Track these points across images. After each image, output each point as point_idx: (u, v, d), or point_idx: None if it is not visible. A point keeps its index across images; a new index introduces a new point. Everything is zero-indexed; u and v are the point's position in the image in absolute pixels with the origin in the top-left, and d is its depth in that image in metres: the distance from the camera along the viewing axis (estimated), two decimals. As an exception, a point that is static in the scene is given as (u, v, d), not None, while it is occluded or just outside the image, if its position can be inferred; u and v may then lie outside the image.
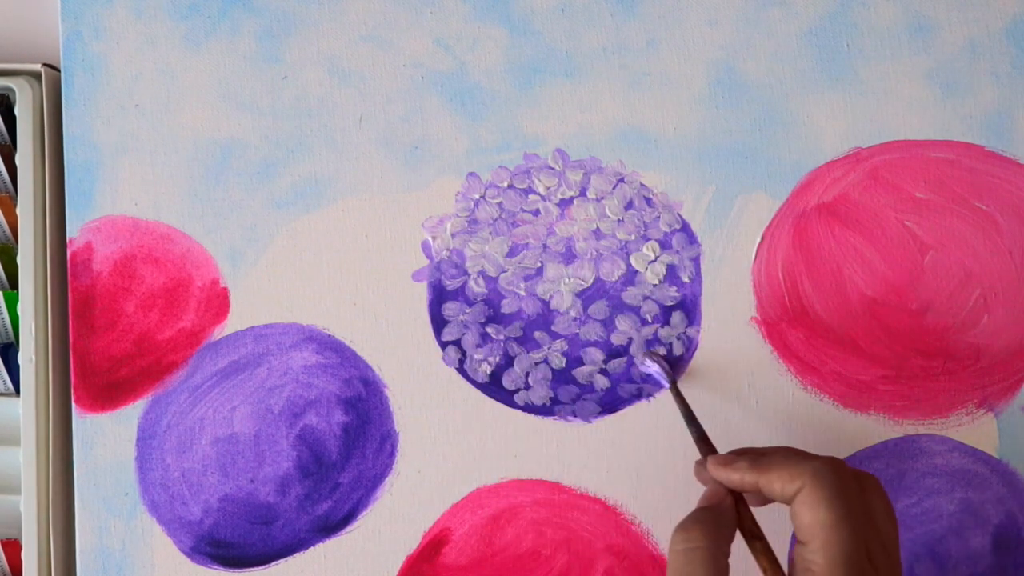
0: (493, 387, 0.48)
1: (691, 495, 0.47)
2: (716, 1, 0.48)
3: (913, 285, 0.47)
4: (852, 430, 0.47)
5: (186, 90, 0.49)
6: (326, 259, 0.49)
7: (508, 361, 0.48)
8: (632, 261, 0.48)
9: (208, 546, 0.48)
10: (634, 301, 0.48)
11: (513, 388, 0.48)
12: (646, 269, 0.48)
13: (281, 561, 0.48)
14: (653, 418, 0.48)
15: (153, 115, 0.49)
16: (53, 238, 0.49)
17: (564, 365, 0.48)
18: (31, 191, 0.48)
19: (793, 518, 0.37)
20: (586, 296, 0.48)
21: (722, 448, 0.44)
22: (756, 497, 0.40)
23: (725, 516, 0.39)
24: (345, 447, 0.48)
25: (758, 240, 0.48)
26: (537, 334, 0.48)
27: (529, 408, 0.48)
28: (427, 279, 0.48)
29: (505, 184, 0.48)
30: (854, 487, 0.37)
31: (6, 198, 0.50)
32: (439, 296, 0.48)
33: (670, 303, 0.48)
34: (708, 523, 0.38)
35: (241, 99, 0.49)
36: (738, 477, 0.39)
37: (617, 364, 0.48)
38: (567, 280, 0.48)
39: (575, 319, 0.48)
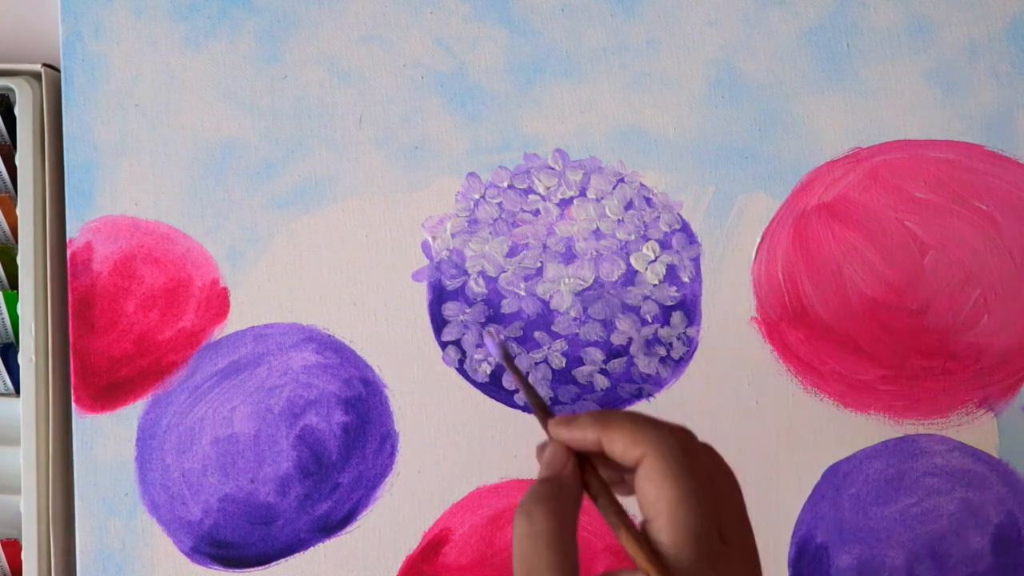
0: (493, 387, 0.48)
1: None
2: (716, 1, 0.48)
3: (913, 285, 0.47)
4: (852, 430, 0.47)
5: (186, 90, 0.49)
6: (326, 259, 0.49)
7: (508, 361, 0.48)
8: (632, 261, 0.48)
9: (208, 546, 0.48)
10: (634, 301, 0.48)
11: (513, 388, 0.48)
12: (646, 269, 0.48)
13: (281, 561, 0.48)
14: (653, 418, 0.48)
15: (153, 115, 0.49)
16: (53, 238, 0.49)
17: (564, 365, 0.48)
18: (31, 191, 0.48)
19: (637, 493, 0.34)
20: (586, 296, 0.48)
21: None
22: (605, 467, 0.37)
23: (568, 487, 0.35)
24: (345, 447, 0.48)
25: (758, 240, 0.48)
26: (537, 334, 0.48)
27: (529, 408, 0.48)
28: (427, 279, 0.48)
29: (505, 184, 0.48)
30: (703, 459, 0.35)
31: (6, 198, 0.50)
32: (439, 296, 0.48)
33: (670, 303, 0.48)
34: (550, 500, 0.34)
35: (241, 99, 0.49)
36: (580, 434, 0.35)
37: (617, 364, 0.48)
38: (567, 280, 0.48)
39: (575, 319, 0.48)
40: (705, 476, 0.35)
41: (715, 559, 0.34)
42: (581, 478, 0.36)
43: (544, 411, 0.38)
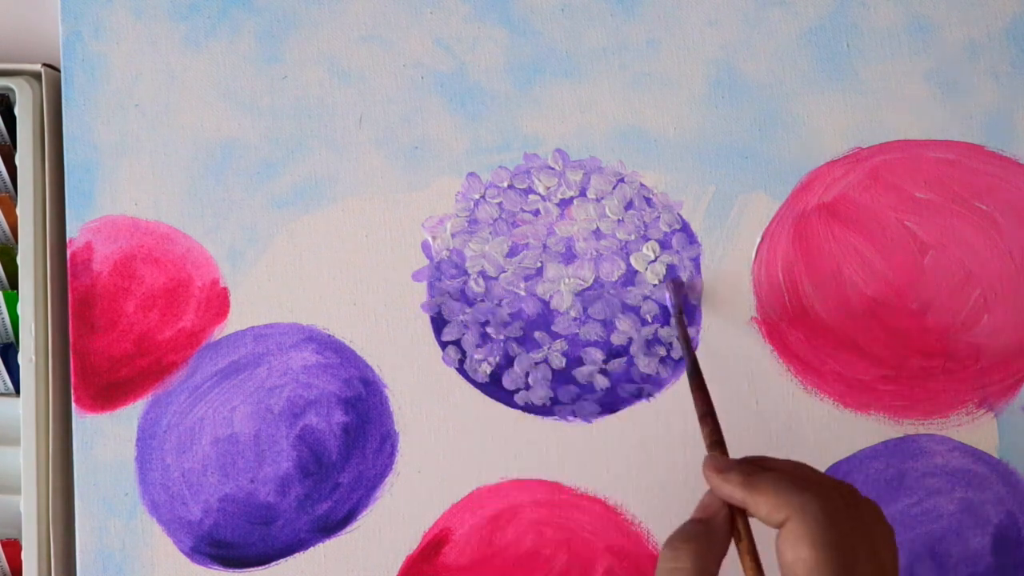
0: (493, 387, 0.48)
1: (691, 495, 0.47)
2: (716, 1, 0.48)
3: (913, 285, 0.47)
4: (852, 430, 0.47)
5: (186, 90, 0.49)
6: (326, 259, 0.48)
7: (508, 361, 0.48)
8: (632, 261, 0.48)
9: (208, 546, 0.48)
10: (634, 301, 0.48)
11: (513, 388, 0.48)
12: (646, 269, 0.48)
13: (281, 561, 0.48)
14: (653, 418, 0.48)
15: (153, 115, 0.49)
16: (53, 238, 0.49)
17: (564, 365, 0.48)
18: (31, 191, 0.48)
19: (777, 553, 0.36)
20: (586, 296, 0.48)
21: (729, 451, 0.44)
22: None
23: (717, 533, 0.37)
24: (345, 447, 0.48)
25: (758, 240, 0.48)
26: (537, 334, 0.48)
27: (529, 408, 0.48)
28: (427, 279, 0.48)
29: (505, 184, 0.48)
30: (845, 523, 0.35)
31: (6, 198, 0.50)
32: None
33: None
34: (698, 541, 0.36)
35: (241, 99, 0.49)
36: (728, 490, 0.37)
37: (617, 364, 0.48)
38: (567, 280, 0.48)
39: (575, 319, 0.48)
40: (846, 540, 0.35)
41: None
42: (732, 523, 0.37)
43: (713, 438, 0.40)
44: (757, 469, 0.37)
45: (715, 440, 0.40)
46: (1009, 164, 0.47)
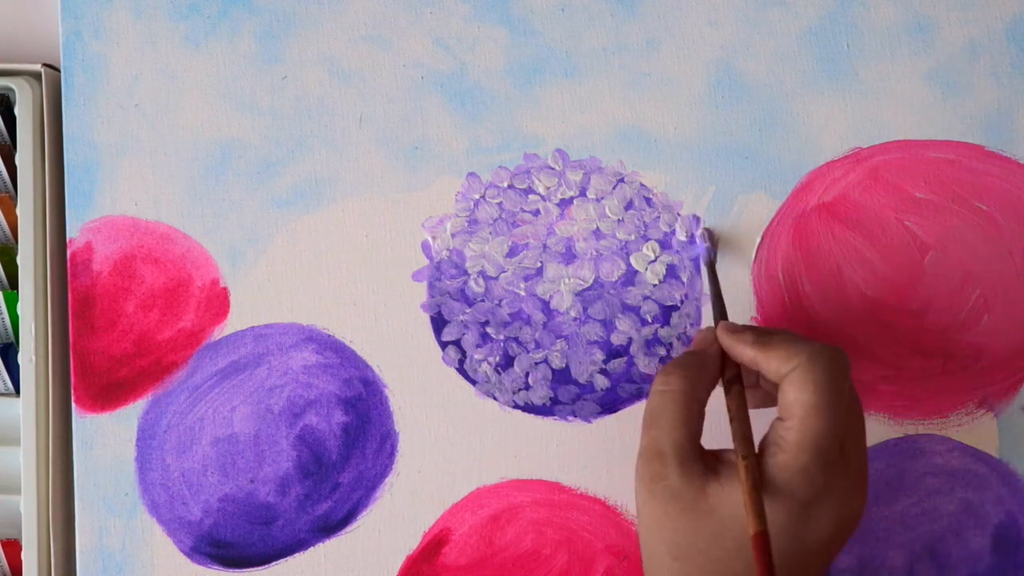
0: (493, 387, 0.48)
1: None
2: (716, 1, 0.48)
3: (913, 285, 0.47)
4: (852, 430, 0.47)
5: (186, 90, 0.49)
6: (326, 259, 0.49)
7: (508, 361, 0.48)
8: (632, 261, 0.48)
9: (208, 546, 0.48)
10: (634, 301, 0.48)
11: (513, 388, 0.48)
12: (646, 269, 0.48)
13: (281, 561, 0.48)
14: (653, 418, 0.48)
15: (153, 115, 0.49)
16: (53, 238, 0.49)
17: (564, 365, 0.48)
18: (31, 191, 0.48)
19: (779, 394, 0.38)
20: (586, 296, 0.48)
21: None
22: (751, 376, 0.41)
23: (707, 363, 0.40)
24: (345, 447, 0.48)
25: (758, 240, 0.48)
26: (537, 334, 0.48)
27: (529, 408, 0.48)
28: (427, 279, 0.48)
29: (505, 184, 0.48)
30: (846, 379, 0.38)
31: (6, 198, 0.50)
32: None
33: (670, 303, 0.48)
34: (689, 368, 0.39)
35: (241, 99, 0.49)
36: (740, 349, 0.40)
37: (617, 364, 0.48)
38: (567, 280, 0.48)
39: (575, 319, 0.48)
40: (845, 392, 0.38)
41: (829, 466, 0.36)
42: (722, 363, 0.41)
43: (720, 311, 0.43)
44: (766, 330, 0.40)
45: (720, 308, 0.44)
46: (1009, 164, 0.47)
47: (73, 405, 0.49)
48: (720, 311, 0.44)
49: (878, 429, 0.47)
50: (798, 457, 0.36)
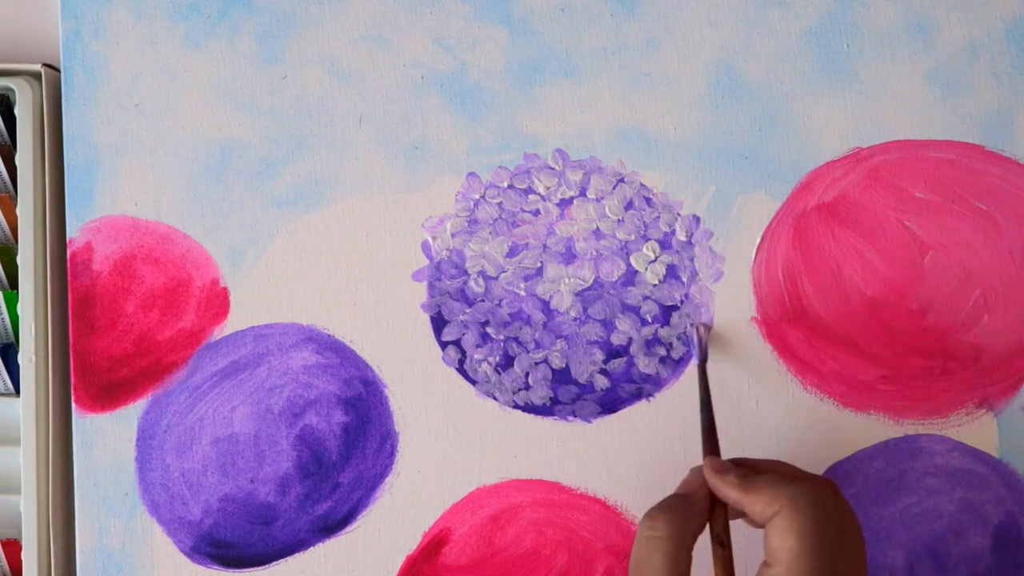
0: (493, 387, 0.48)
1: (691, 495, 0.47)
2: (716, 1, 0.48)
3: (913, 285, 0.47)
4: (852, 430, 0.47)
5: (186, 90, 0.49)
6: (326, 259, 0.49)
7: (508, 361, 0.48)
8: (632, 261, 0.48)
9: (208, 546, 0.48)
10: (634, 301, 0.48)
11: (515, 388, 0.48)
12: (646, 269, 0.48)
13: (281, 561, 0.48)
14: (653, 418, 0.48)
15: (153, 115, 0.49)
16: (53, 238, 0.49)
17: (564, 365, 0.48)
18: (31, 191, 0.48)
19: (764, 538, 0.37)
20: (586, 296, 0.48)
21: (724, 455, 0.44)
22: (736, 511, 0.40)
23: (695, 509, 0.39)
24: (345, 447, 0.48)
25: (758, 240, 0.48)
26: (537, 334, 0.48)
27: (529, 408, 0.48)
28: (427, 279, 0.48)
29: (505, 184, 0.48)
30: (833, 518, 0.37)
31: (6, 198, 0.50)
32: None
33: (670, 303, 0.48)
34: (675, 513, 0.38)
35: (241, 99, 0.49)
36: (725, 490, 0.39)
37: (617, 364, 0.48)
38: (567, 280, 0.48)
39: (575, 319, 0.48)
40: (833, 535, 0.37)
41: None
42: (711, 508, 0.40)
43: (711, 435, 0.42)
44: (751, 471, 0.39)
45: (709, 426, 0.43)
46: (1009, 164, 0.47)
47: (73, 405, 0.49)
48: (708, 423, 0.43)
49: (878, 429, 0.47)
50: None
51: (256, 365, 0.49)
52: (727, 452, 0.47)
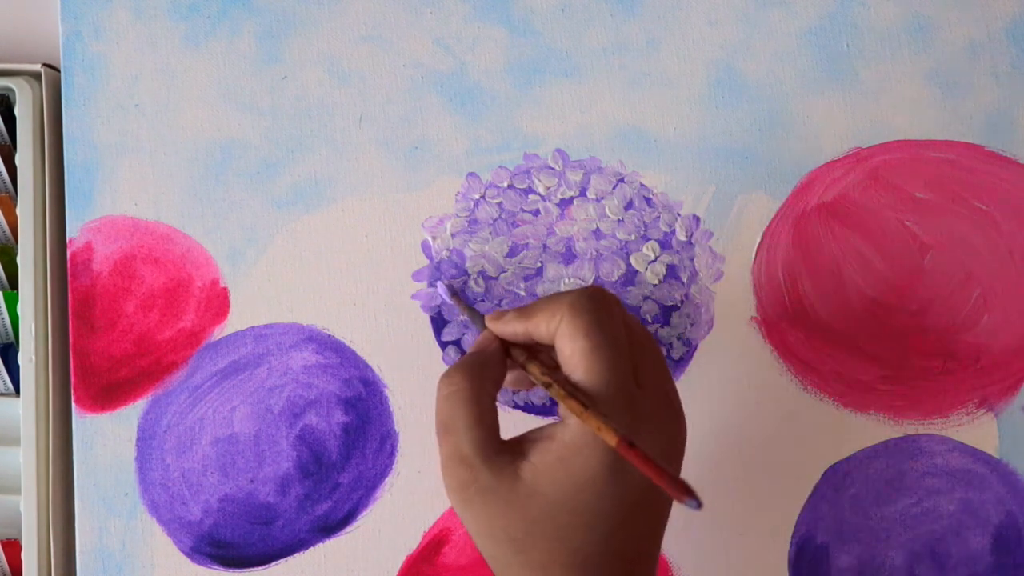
0: (493, 387, 0.48)
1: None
2: (716, 1, 0.48)
3: (913, 285, 0.48)
4: (852, 430, 0.47)
5: (186, 90, 0.49)
6: (326, 259, 0.49)
7: (508, 361, 0.48)
8: (632, 261, 0.48)
9: (208, 546, 0.48)
10: (634, 301, 0.48)
11: (514, 390, 0.48)
12: (646, 269, 0.48)
13: (281, 561, 0.48)
14: (653, 418, 0.48)
15: (153, 115, 0.49)
16: (53, 238, 0.49)
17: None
18: (31, 191, 0.48)
19: (557, 355, 0.37)
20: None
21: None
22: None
23: (489, 359, 0.39)
24: (345, 447, 0.48)
25: (758, 240, 0.48)
26: (537, 334, 0.48)
27: (529, 408, 0.48)
28: (427, 279, 0.48)
29: (505, 184, 0.48)
30: (615, 312, 0.37)
31: (6, 198, 0.50)
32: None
33: (670, 303, 0.48)
34: (471, 366, 0.38)
35: (241, 99, 0.49)
36: (509, 328, 0.39)
37: (617, 364, 0.48)
38: (567, 280, 0.48)
39: (575, 319, 0.48)
40: (618, 325, 0.37)
41: (630, 401, 0.36)
42: (506, 354, 0.39)
43: (478, 317, 0.42)
44: (530, 303, 0.39)
45: (477, 317, 0.43)
46: (1009, 164, 0.47)
47: (73, 405, 0.49)
48: (478, 318, 0.43)
49: (878, 429, 0.47)
50: (595, 400, 0.35)
51: (256, 365, 0.49)
52: (729, 453, 0.48)
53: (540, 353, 0.39)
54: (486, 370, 0.38)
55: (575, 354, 0.36)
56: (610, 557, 0.36)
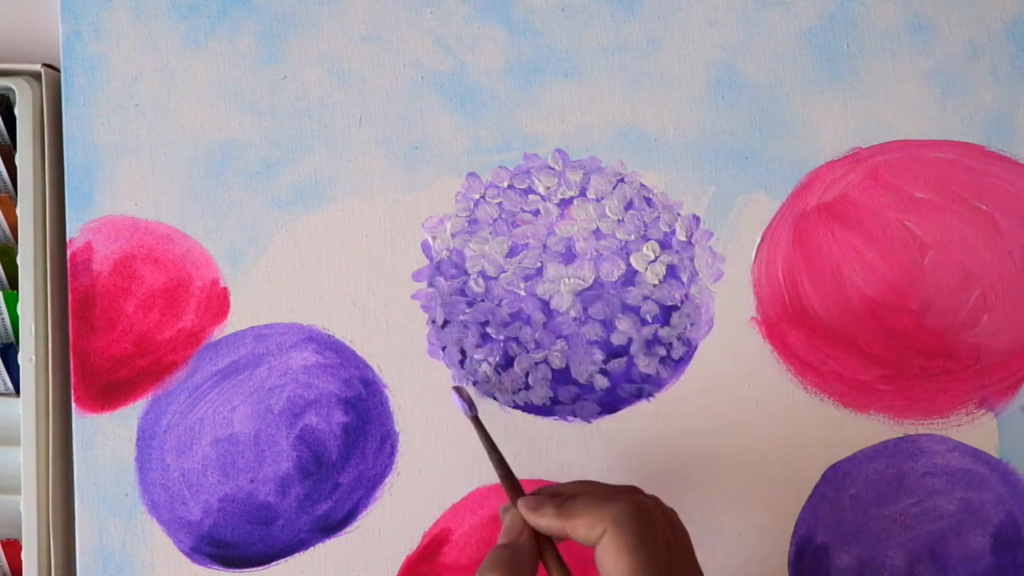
0: (493, 387, 0.48)
1: (691, 495, 0.47)
2: (716, 1, 0.48)
3: (913, 285, 0.47)
4: (852, 430, 0.47)
5: (186, 90, 0.49)
6: (326, 259, 0.48)
7: (508, 361, 0.48)
8: (632, 261, 0.48)
9: (208, 546, 0.48)
10: (634, 301, 0.48)
11: (513, 388, 0.48)
12: (646, 269, 0.48)
13: (281, 561, 0.48)
14: (653, 418, 0.48)
15: (153, 115, 0.49)
16: (53, 238, 0.49)
17: (564, 365, 0.48)
18: (31, 191, 0.48)
19: (597, 564, 0.37)
20: (586, 296, 0.48)
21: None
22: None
23: (523, 554, 0.39)
24: (345, 447, 0.48)
25: (758, 240, 0.48)
26: (537, 334, 0.48)
27: (529, 408, 0.48)
28: (427, 279, 0.48)
29: (505, 184, 0.48)
30: (659, 529, 0.37)
31: (6, 198, 0.50)
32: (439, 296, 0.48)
33: (670, 303, 0.48)
34: (505, 565, 0.38)
35: (241, 99, 0.49)
36: (545, 523, 0.39)
37: (617, 364, 0.48)
38: (567, 280, 0.48)
39: (575, 319, 0.48)
40: (661, 545, 0.37)
41: None
42: (537, 544, 0.40)
43: (513, 487, 0.42)
44: (566, 498, 0.39)
45: (506, 474, 0.43)
46: (1009, 164, 0.47)
47: (73, 405, 0.49)
48: (504, 472, 0.43)
49: (878, 429, 0.47)
50: None
51: (256, 365, 0.49)
52: (729, 453, 0.48)
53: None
54: (520, 569, 0.39)
55: (616, 571, 0.37)
56: None
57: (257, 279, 0.49)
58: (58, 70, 0.49)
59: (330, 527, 0.48)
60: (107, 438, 0.49)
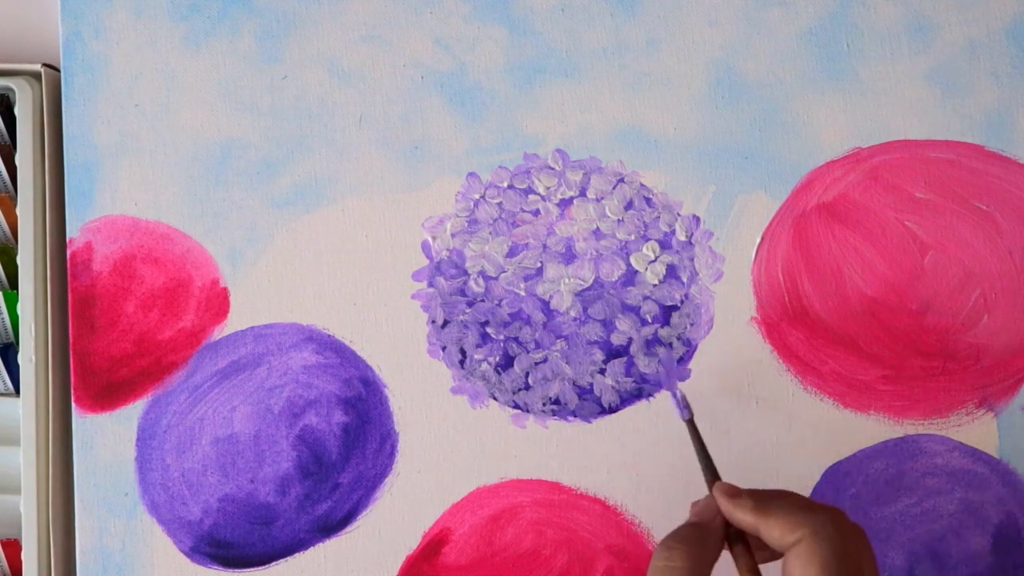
0: (493, 387, 0.48)
1: (691, 495, 0.47)
2: (716, 1, 0.48)
3: (913, 285, 0.47)
4: (852, 430, 0.47)
5: (186, 90, 0.49)
6: (326, 259, 0.48)
7: (508, 361, 0.48)
8: (632, 261, 0.48)
9: (208, 546, 0.48)
10: (634, 301, 0.48)
11: (513, 388, 0.48)
12: (646, 269, 0.48)
13: (281, 561, 0.48)
14: (653, 418, 0.48)
15: (153, 115, 0.49)
16: (53, 238, 0.49)
17: (564, 365, 0.48)
18: (31, 191, 0.48)
19: (784, 566, 0.37)
20: (586, 296, 0.48)
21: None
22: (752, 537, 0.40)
23: (711, 538, 0.39)
24: (345, 447, 0.48)
25: (758, 240, 0.48)
26: (537, 334, 0.48)
27: (529, 408, 0.48)
28: (427, 279, 0.48)
29: (505, 184, 0.48)
30: (852, 550, 0.37)
31: (6, 198, 0.50)
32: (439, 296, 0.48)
33: (670, 303, 0.48)
34: (692, 543, 0.38)
35: (241, 99, 0.49)
36: (740, 515, 0.39)
37: (617, 364, 0.48)
38: (567, 280, 0.48)
39: (575, 319, 0.48)
40: (853, 563, 0.36)
41: None
42: (726, 534, 0.39)
43: (712, 472, 0.42)
44: (766, 496, 0.39)
45: (710, 467, 0.42)
46: (1009, 164, 0.47)
47: (73, 405, 0.49)
48: (710, 471, 0.42)
49: (878, 429, 0.47)
50: None
51: (256, 365, 0.49)
52: (729, 453, 0.48)
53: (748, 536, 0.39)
54: (706, 550, 0.38)
55: None
56: None
57: (257, 279, 0.49)
58: (58, 70, 0.49)
59: (330, 527, 0.48)
60: (107, 438, 0.49)
